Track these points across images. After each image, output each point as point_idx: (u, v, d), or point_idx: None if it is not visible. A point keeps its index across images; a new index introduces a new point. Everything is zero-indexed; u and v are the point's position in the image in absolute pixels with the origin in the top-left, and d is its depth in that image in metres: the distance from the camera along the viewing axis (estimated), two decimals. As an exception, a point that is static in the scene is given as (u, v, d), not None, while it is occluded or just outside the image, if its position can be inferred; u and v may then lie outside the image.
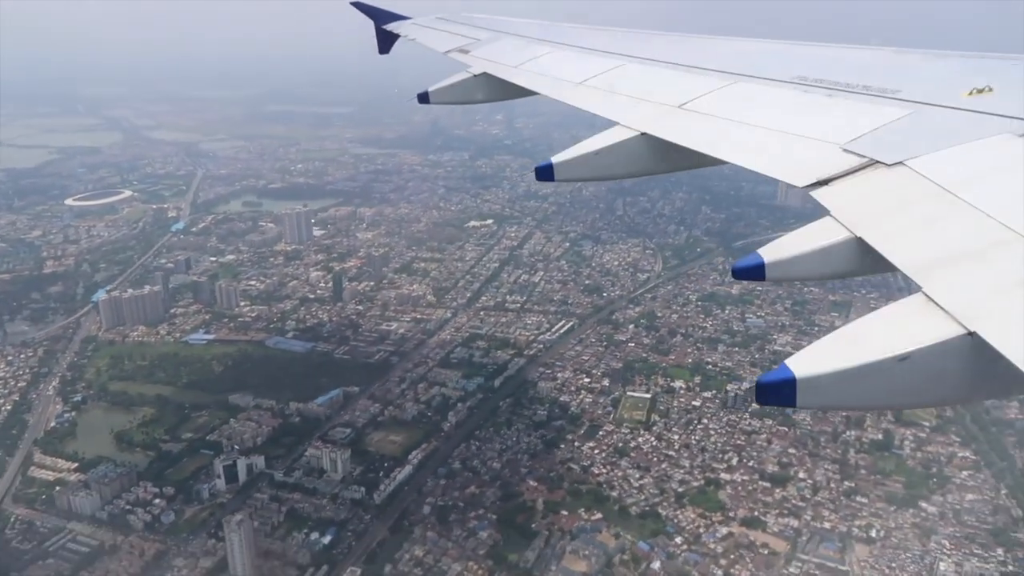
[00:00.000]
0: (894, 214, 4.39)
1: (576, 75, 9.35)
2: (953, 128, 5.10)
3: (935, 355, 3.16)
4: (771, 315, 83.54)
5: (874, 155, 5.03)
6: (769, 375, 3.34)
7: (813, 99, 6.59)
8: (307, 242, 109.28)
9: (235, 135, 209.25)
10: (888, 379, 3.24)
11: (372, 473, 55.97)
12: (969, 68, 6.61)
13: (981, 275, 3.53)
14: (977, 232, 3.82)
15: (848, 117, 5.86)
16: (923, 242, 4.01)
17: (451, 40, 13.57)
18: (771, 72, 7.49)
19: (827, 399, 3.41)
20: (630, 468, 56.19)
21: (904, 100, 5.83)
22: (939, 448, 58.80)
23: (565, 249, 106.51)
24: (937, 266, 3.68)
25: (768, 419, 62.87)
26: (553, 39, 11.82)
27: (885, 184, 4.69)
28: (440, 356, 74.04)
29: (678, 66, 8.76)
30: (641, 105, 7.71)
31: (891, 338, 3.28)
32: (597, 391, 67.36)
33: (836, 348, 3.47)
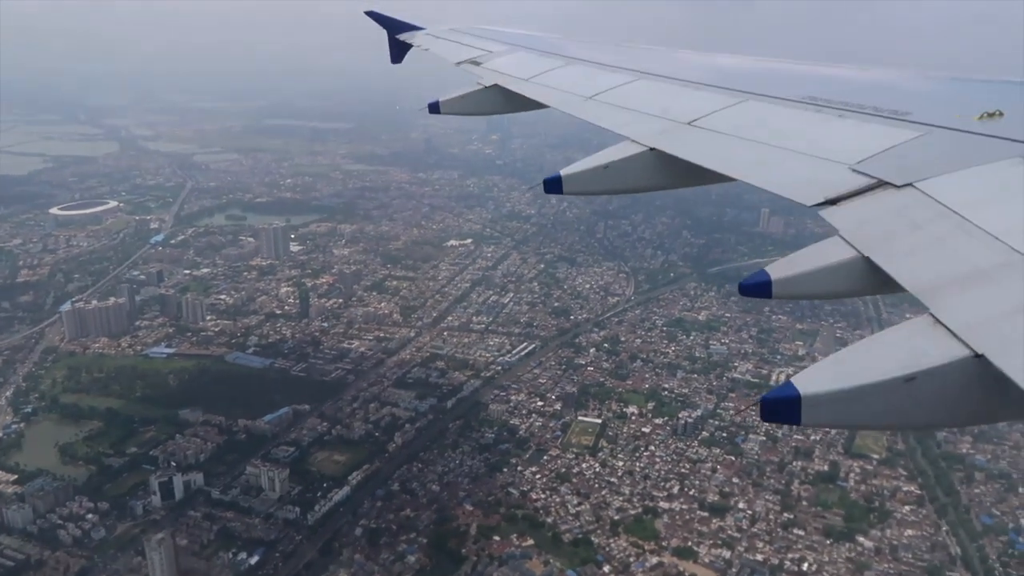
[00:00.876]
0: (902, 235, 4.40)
1: (587, 89, 9.46)
2: (963, 151, 5.14)
3: (941, 377, 3.16)
4: (735, 342, 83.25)
5: (883, 176, 5.05)
6: (774, 392, 3.37)
7: (823, 119, 6.62)
8: (283, 257, 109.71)
9: (230, 148, 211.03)
10: (893, 399, 3.25)
11: (310, 493, 55.75)
12: (980, 92, 6.71)
13: (989, 297, 3.52)
14: (985, 255, 3.83)
15: (858, 137, 5.89)
16: (931, 263, 4.01)
17: (463, 51, 13.68)
18: (782, 91, 7.55)
19: (831, 417, 3.43)
20: (569, 494, 55.82)
21: (914, 122, 5.87)
22: (884, 481, 58.31)
23: (539, 271, 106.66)
24: (944, 288, 3.69)
25: (716, 448, 62.59)
26: (565, 53, 11.97)
27: (894, 205, 4.71)
28: (397, 376, 73.99)
29: (688, 83, 8.88)
30: (651, 120, 7.74)
31: (897, 358, 3.28)
32: (549, 415, 67.12)
33: (842, 367, 3.51)
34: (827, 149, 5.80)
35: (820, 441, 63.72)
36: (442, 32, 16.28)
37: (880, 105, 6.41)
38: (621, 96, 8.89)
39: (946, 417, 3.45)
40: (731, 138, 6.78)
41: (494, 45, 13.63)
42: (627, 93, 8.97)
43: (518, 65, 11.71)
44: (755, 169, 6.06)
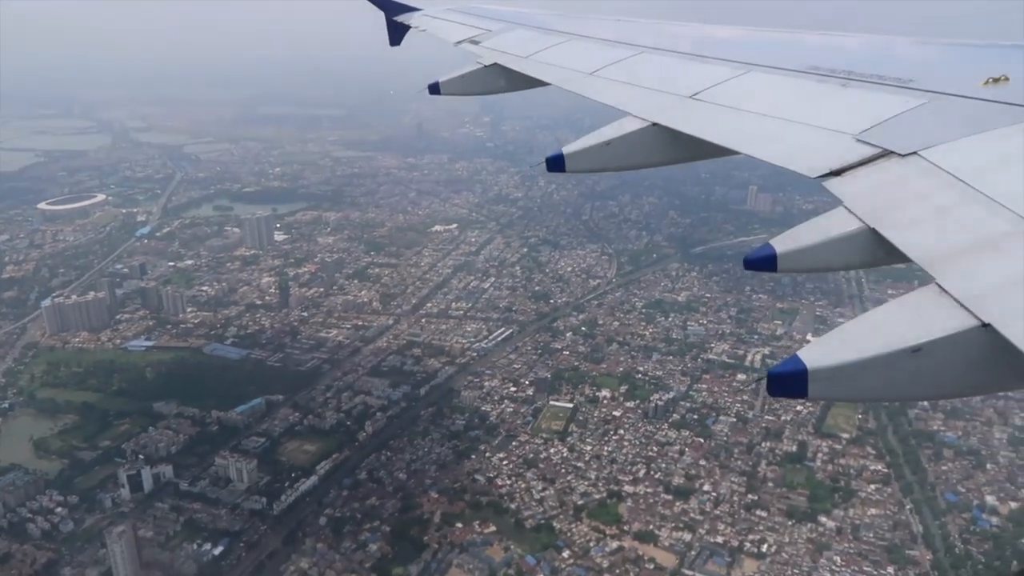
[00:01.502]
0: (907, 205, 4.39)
1: (587, 66, 9.35)
2: (968, 118, 5.08)
3: (948, 347, 3.17)
4: (713, 323, 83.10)
5: (888, 145, 5.02)
6: (780, 366, 3.38)
7: (826, 89, 6.56)
8: (267, 247, 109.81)
9: (222, 138, 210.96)
10: (900, 371, 3.26)
11: (278, 483, 56.27)
12: (985, 58, 6.61)
13: (995, 266, 3.51)
14: (991, 223, 3.81)
15: (862, 107, 5.84)
16: (937, 233, 4.00)
17: (462, 31, 13.55)
18: (784, 62, 7.48)
19: (838, 390, 3.43)
20: (535, 480, 56.12)
21: (919, 90, 5.79)
22: (852, 460, 58.32)
23: (522, 255, 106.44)
24: (951, 257, 3.68)
25: (685, 430, 62.67)
26: (565, 30, 11.85)
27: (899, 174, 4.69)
28: (372, 364, 74.26)
29: (689, 56, 8.81)
30: (652, 95, 7.67)
31: (904, 329, 3.30)
32: (521, 400, 67.32)
33: (848, 339, 3.50)
34: (831, 119, 5.77)
35: (791, 421, 63.71)
36: (439, 12, 16.21)
37: (883, 73, 6.34)
38: (622, 71, 8.84)
39: (953, 387, 3.45)
40: (733, 111, 6.74)
41: (493, 24, 13.59)
42: (628, 68, 8.93)
43: (517, 43, 11.70)
44: (758, 142, 6.04)
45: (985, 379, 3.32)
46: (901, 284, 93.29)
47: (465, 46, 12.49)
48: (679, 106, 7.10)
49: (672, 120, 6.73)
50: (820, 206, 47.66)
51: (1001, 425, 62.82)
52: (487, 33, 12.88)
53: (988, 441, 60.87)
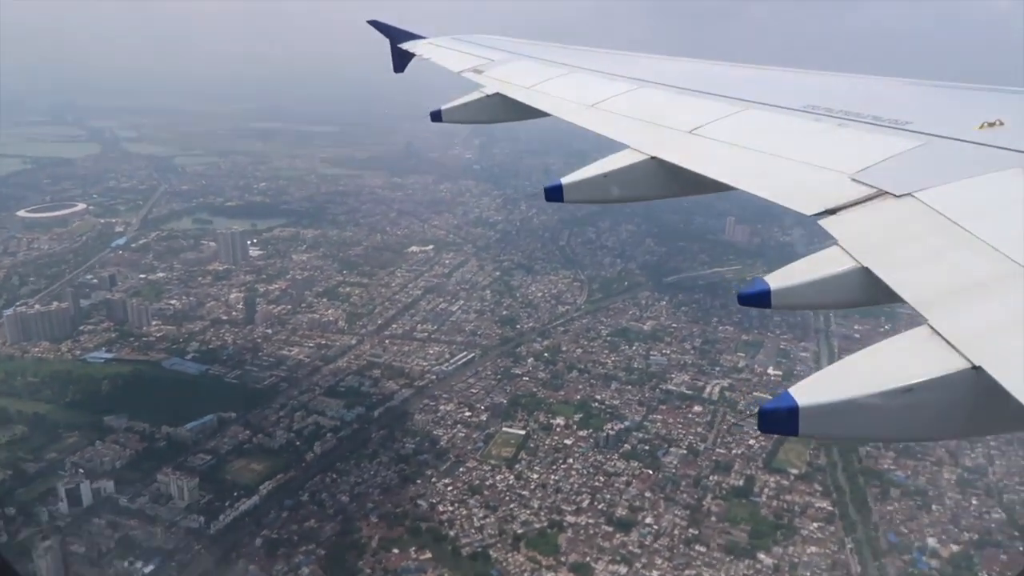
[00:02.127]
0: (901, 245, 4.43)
1: (588, 98, 9.49)
2: (963, 161, 5.13)
3: (939, 388, 3.18)
4: (677, 353, 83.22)
5: (883, 186, 5.06)
6: (772, 403, 3.39)
7: (823, 128, 6.64)
8: (241, 262, 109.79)
9: (212, 151, 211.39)
10: (891, 411, 3.26)
11: (219, 502, 55.83)
12: (981, 101, 6.68)
13: (987, 309, 3.54)
14: (984, 266, 3.84)
15: (858, 147, 5.91)
16: (930, 274, 4.02)
17: (465, 60, 13.77)
18: (782, 100, 7.58)
19: (829, 428, 3.47)
20: (477, 507, 55.85)
21: (915, 131, 5.87)
22: (798, 497, 58.24)
23: (494, 278, 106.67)
24: (943, 299, 3.70)
25: (635, 461, 62.54)
26: (566, 62, 12.05)
27: (893, 215, 4.73)
28: (329, 384, 74.09)
29: (690, 91, 8.90)
30: (652, 129, 7.80)
31: (895, 370, 3.30)
32: (474, 426, 67.15)
33: (839, 377, 3.53)
34: (827, 158, 5.84)
35: (742, 455, 63.66)
36: (443, 41, 16.65)
37: (880, 114, 6.43)
38: (622, 104, 8.96)
39: (943, 429, 3.48)
40: (732, 147, 6.81)
41: (495, 54, 13.80)
42: (629, 101, 9.05)
43: (520, 73, 11.84)
44: (755, 178, 6.10)
45: (975, 422, 3.34)
46: (868, 320, 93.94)
47: (468, 75, 12.73)
48: (678, 140, 7.22)
49: (671, 154, 6.87)
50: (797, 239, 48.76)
51: (951, 466, 62.90)
52: (490, 63, 13.11)
53: (936, 482, 60.89)
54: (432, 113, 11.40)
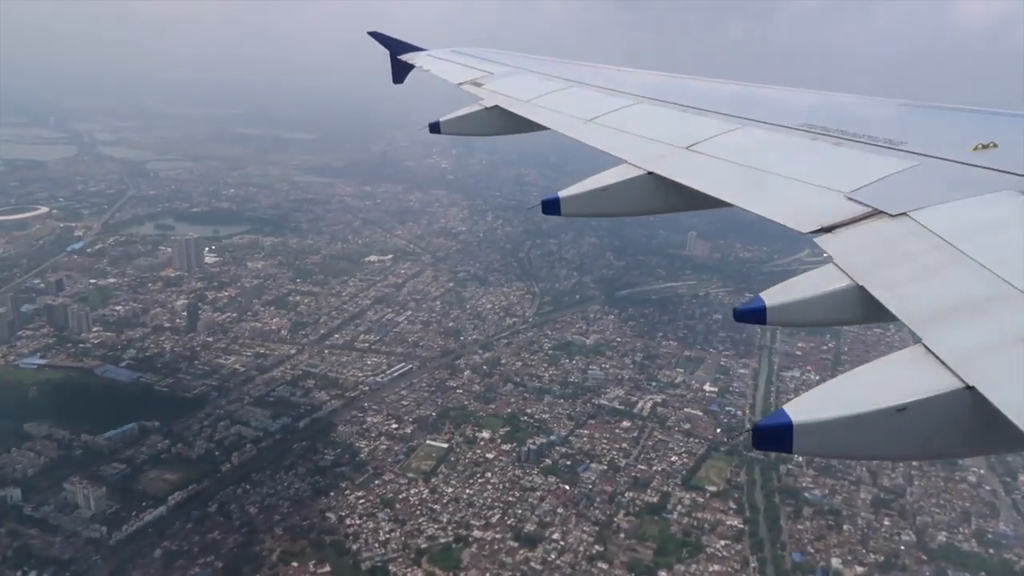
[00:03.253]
0: (896, 264, 4.44)
1: (586, 112, 9.52)
2: (957, 182, 5.18)
3: (932, 408, 3.20)
4: (616, 368, 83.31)
5: (878, 205, 5.09)
6: (767, 420, 3.39)
7: (819, 146, 6.67)
8: (194, 269, 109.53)
9: (187, 155, 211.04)
10: (884, 429, 3.27)
11: (126, 512, 55.47)
12: (975, 123, 6.79)
13: (981, 329, 3.55)
14: (977, 286, 3.86)
15: (854, 166, 5.94)
16: (924, 293, 4.03)
17: (465, 72, 13.81)
18: (778, 118, 7.63)
19: (823, 446, 3.45)
20: (386, 520, 55.60)
21: (909, 152, 5.93)
22: (710, 515, 58.21)
23: (447, 289, 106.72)
24: (937, 318, 3.73)
25: (554, 476, 62.45)
26: (565, 76, 12.09)
27: (888, 234, 4.75)
28: (260, 394, 73.84)
29: (687, 108, 8.93)
30: (648, 144, 7.80)
31: (889, 389, 3.33)
32: (398, 438, 66.99)
33: (834, 395, 3.54)
34: (823, 177, 5.88)
35: (662, 472, 63.68)
36: (443, 53, 16.68)
37: (875, 134, 6.50)
38: (620, 119, 9.00)
39: (936, 448, 3.49)
40: (728, 163, 6.84)
41: (495, 67, 13.88)
42: (627, 116, 9.09)
43: (519, 87, 11.89)
44: (751, 195, 6.12)
45: (968, 441, 3.37)
46: (814, 338, 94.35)
47: (467, 87, 12.79)
48: (675, 156, 7.26)
49: (667, 170, 6.92)
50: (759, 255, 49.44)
51: (869, 486, 63.05)
52: (489, 76, 13.18)
53: (852, 501, 61.01)
54: (431, 124, 11.44)
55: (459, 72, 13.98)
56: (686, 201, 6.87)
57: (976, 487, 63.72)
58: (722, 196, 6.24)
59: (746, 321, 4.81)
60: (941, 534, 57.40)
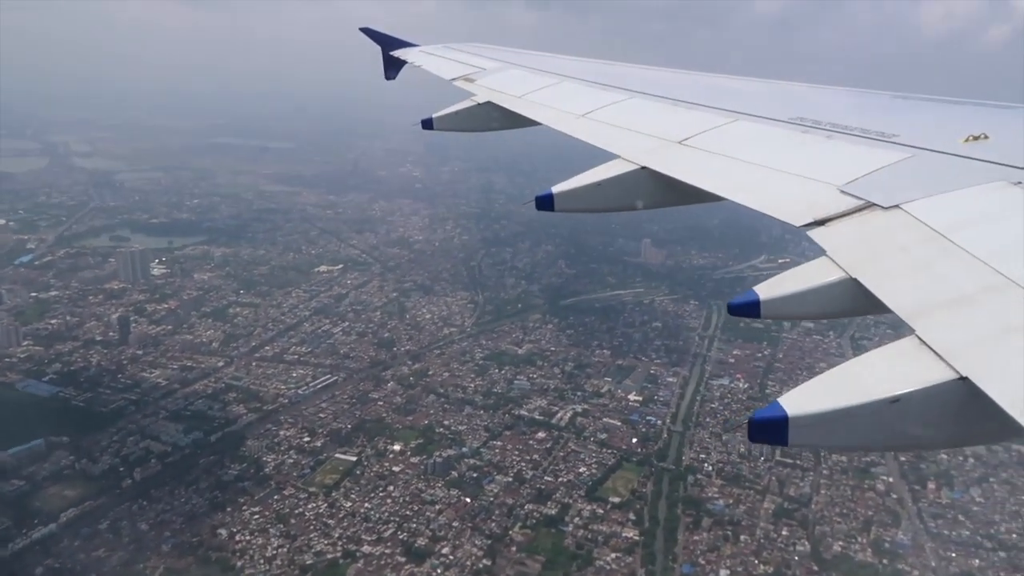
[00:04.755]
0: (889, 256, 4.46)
1: (579, 107, 9.51)
2: (949, 174, 5.19)
3: (926, 399, 3.21)
4: (543, 377, 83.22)
5: (871, 197, 5.11)
6: (761, 412, 3.40)
7: (812, 140, 6.69)
8: (139, 281, 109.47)
9: (159, 166, 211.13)
10: (879, 421, 3.29)
11: (16, 530, 55.30)
12: (966, 115, 6.82)
13: (973, 320, 3.57)
14: (970, 277, 3.88)
15: (846, 159, 5.94)
16: (917, 285, 4.05)
17: (457, 68, 13.77)
18: (771, 112, 7.64)
19: (818, 438, 3.44)
20: (277, 536, 55.44)
21: (902, 144, 5.93)
22: (608, 527, 58.06)
23: (390, 299, 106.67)
24: (930, 309, 3.74)
25: (457, 489, 62.29)
26: (558, 71, 12.07)
27: (881, 226, 4.77)
28: (177, 408, 73.71)
29: (681, 102, 8.93)
30: (642, 139, 7.79)
31: (882, 380, 3.34)
32: (308, 452, 66.85)
33: (828, 387, 3.53)
34: (816, 170, 5.88)
35: (567, 483, 63.54)
36: (436, 49, 16.63)
37: (867, 127, 6.50)
38: (614, 114, 8.98)
39: (930, 439, 3.52)
40: (721, 157, 6.86)
41: (487, 62, 13.86)
42: (620, 111, 9.07)
43: (511, 82, 11.92)
44: (744, 189, 6.12)
45: (961, 432, 3.41)
46: (750, 344, 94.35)
47: (460, 83, 12.77)
48: (668, 151, 7.28)
49: (661, 164, 6.94)
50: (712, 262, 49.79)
51: (774, 495, 62.94)
52: (481, 71, 13.16)
53: (755, 511, 60.86)
54: (423, 121, 11.41)
55: (452, 68, 13.98)
56: (679, 195, 6.91)
57: (883, 495, 63.57)
58: (715, 190, 6.26)
59: (740, 315, 4.79)
60: (838, 544, 57.24)
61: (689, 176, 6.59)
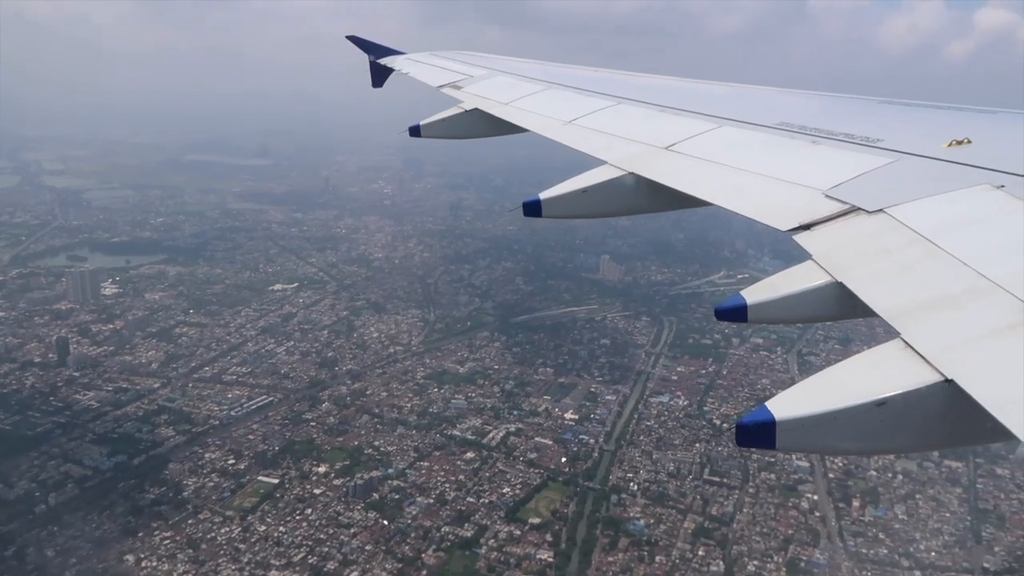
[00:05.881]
0: (874, 260, 4.45)
1: (566, 114, 9.53)
2: (933, 178, 5.22)
3: (912, 401, 3.21)
4: (481, 397, 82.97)
5: (856, 202, 5.12)
6: (749, 417, 3.39)
7: (796, 145, 6.69)
8: (88, 302, 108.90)
9: (129, 184, 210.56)
10: (865, 424, 3.29)
11: (-81, 558, 54.57)
12: (949, 120, 6.87)
13: (958, 323, 3.56)
14: (954, 281, 3.88)
15: (831, 164, 5.96)
16: (902, 288, 4.04)
17: (444, 75, 13.76)
18: (756, 117, 7.66)
19: (805, 442, 3.46)
20: (185, 562, 54.83)
21: (886, 149, 5.95)
22: (523, 548, 57.71)
23: (340, 318, 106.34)
24: (915, 312, 3.73)
25: (376, 512, 61.82)
26: (545, 78, 12.07)
27: (866, 230, 4.77)
28: (104, 430, 73.04)
29: (666, 108, 8.98)
30: (629, 145, 7.82)
31: (868, 383, 3.33)
32: (231, 474, 66.29)
33: (815, 391, 3.54)
34: (801, 175, 5.90)
35: (489, 504, 63.18)
36: (422, 56, 16.67)
37: (851, 132, 6.53)
38: (600, 120, 9.03)
39: (917, 441, 3.51)
40: (707, 163, 6.88)
41: (474, 70, 13.84)
42: (606, 117, 9.11)
43: (498, 89, 11.92)
44: (730, 194, 6.12)
45: (947, 434, 3.39)
46: (696, 361, 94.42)
47: (447, 90, 12.76)
48: (655, 156, 7.32)
49: (647, 170, 6.95)
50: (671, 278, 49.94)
51: (696, 514, 62.75)
52: (468, 79, 13.15)
53: (674, 531, 60.63)
54: (411, 128, 11.42)
55: (438, 75, 14.02)
56: (666, 201, 6.94)
57: (807, 513, 63.45)
58: (701, 195, 6.31)
59: (728, 320, 4.82)
60: (753, 563, 57.00)
61: (676, 182, 6.66)
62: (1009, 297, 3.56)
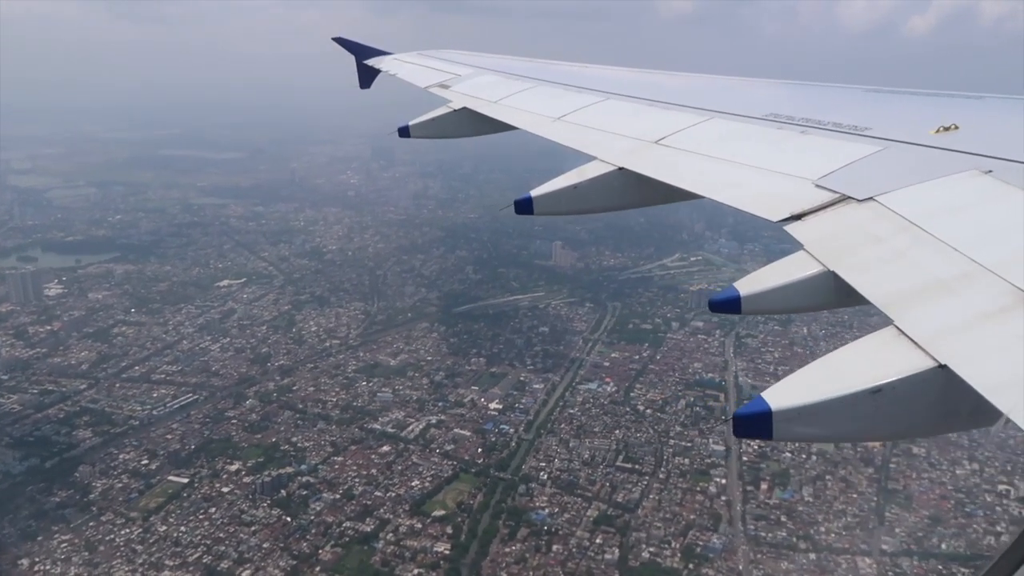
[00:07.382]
0: (865, 248, 4.48)
1: (555, 110, 9.51)
2: (921, 165, 5.25)
3: (907, 388, 3.23)
4: (408, 389, 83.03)
5: (846, 190, 5.15)
6: (745, 408, 3.40)
7: (786, 135, 6.72)
8: (30, 303, 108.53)
9: (95, 181, 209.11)
10: (861, 411, 3.30)
11: None
12: (937, 107, 6.87)
13: (950, 309, 3.59)
14: (945, 266, 3.90)
15: (820, 153, 5.98)
16: (893, 275, 4.06)
17: (432, 75, 13.77)
18: (744, 109, 7.71)
19: (802, 431, 3.45)
20: (80, 565, 55.02)
21: (874, 137, 5.97)
22: (420, 542, 57.94)
23: (281, 313, 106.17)
24: (907, 299, 3.76)
25: (280, 509, 62.00)
26: (533, 75, 12.11)
27: (856, 219, 4.81)
28: (22, 433, 73.06)
29: (655, 102, 8.97)
30: (619, 140, 7.82)
31: (863, 371, 3.35)
32: (142, 475, 66.40)
33: (810, 380, 3.54)
34: (791, 165, 5.94)
35: (395, 498, 63.37)
36: (410, 56, 16.73)
37: (840, 121, 6.54)
38: (589, 116, 9.04)
39: (912, 427, 3.54)
40: (697, 156, 6.90)
41: (462, 68, 13.86)
42: (595, 113, 9.12)
43: (486, 87, 11.95)
44: (720, 186, 6.15)
45: (942, 419, 3.42)
46: (632, 347, 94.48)
47: (435, 90, 12.75)
48: (645, 150, 7.31)
49: (637, 164, 6.97)
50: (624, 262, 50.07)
51: (602, 502, 63.05)
52: (456, 78, 13.17)
53: (577, 520, 60.92)
54: (400, 128, 11.41)
55: (426, 75, 14.02)
56: (657, 195, 6.97)
57: (713, 498, 63.74)
58: (692, 188, 6.29)
59: (721, 311, 4.78)
60: (649, 550, 57.32)
61: (666, 175, 6.64)
62: (1000, 281, 3.57)
